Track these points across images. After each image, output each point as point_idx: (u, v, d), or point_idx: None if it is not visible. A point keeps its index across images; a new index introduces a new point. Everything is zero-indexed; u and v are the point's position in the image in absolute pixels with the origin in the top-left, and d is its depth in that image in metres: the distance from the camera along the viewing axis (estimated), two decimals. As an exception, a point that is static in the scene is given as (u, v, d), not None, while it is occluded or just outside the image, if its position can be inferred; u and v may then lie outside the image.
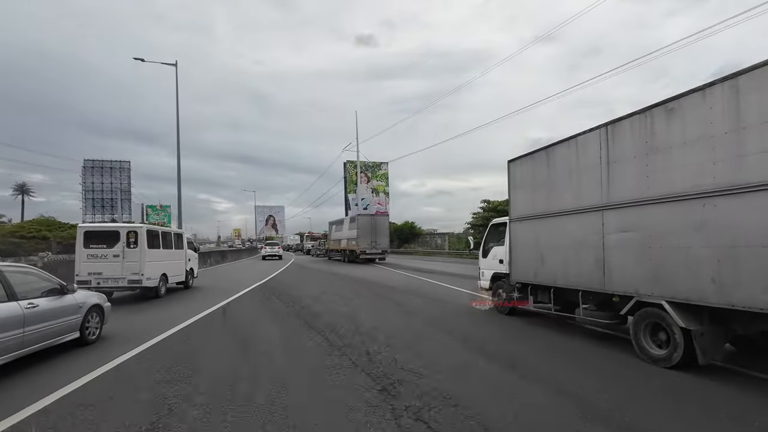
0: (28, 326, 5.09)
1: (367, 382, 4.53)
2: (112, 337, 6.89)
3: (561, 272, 6.87)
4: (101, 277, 10.73)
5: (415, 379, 4.60)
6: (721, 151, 4.38)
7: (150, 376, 4.80)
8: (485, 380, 4.64)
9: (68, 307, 5.95)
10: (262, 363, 5.36)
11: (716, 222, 4.44)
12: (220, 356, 5.70)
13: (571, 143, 6.60)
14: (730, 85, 4.31)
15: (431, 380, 4.54)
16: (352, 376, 4.77)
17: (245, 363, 5.38)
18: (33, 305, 5.26)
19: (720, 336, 4.79)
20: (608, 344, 6.16)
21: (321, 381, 4.63)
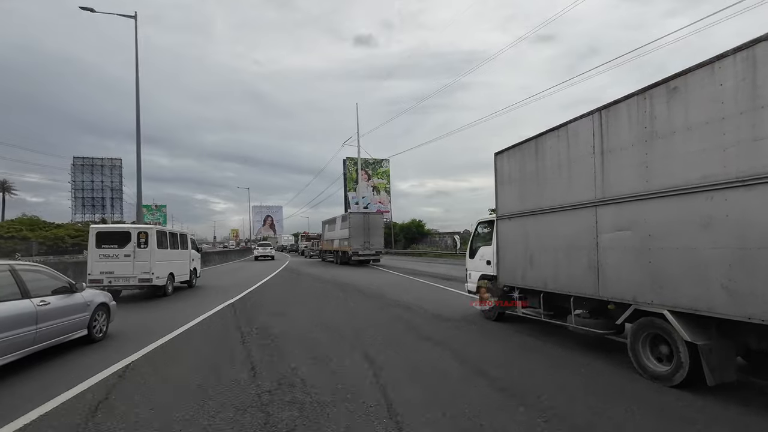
0: (41, 323, 5.27)
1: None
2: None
3: (551, 275, 6.19)
4: (113, 276, 11.20)
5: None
6: (733, 135, 3.71)
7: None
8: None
9: (77, 305, 6.12)
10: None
11: (727, 218, 3.77)
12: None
13: (561, 132, 5.92)
14: (745, 57, 3.63)
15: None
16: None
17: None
18: (45, 303, 5.44)
19: (732, 351, 4.13)
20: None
21: None
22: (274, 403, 3.96)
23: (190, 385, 4.50)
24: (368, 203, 68.12)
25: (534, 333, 6.92)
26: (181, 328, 7.52)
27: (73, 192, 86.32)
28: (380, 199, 73.01)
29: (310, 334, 6.86)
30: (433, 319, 8.20)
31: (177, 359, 5.60)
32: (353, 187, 68.96)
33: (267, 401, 4.00)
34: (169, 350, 6.08)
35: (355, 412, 3.74)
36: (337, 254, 28.89)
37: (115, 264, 11.24)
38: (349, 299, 11.32)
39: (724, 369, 4.04)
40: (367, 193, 69.45)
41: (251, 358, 5.54)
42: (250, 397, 4.11)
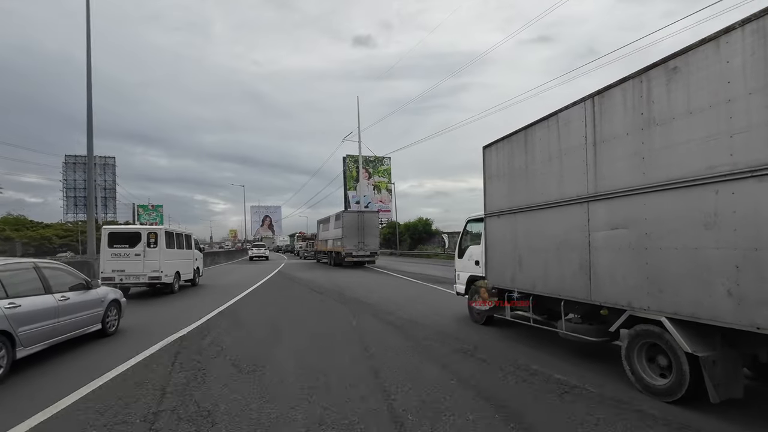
0: (61, 317, 5.67)
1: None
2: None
3: (540, 277, 5.73)
4: (124, 274, 11.75)
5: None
6: (742, 119, 3.24)
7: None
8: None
9: (93, 301, 6.55)
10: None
11: (734, 215, 3.31)
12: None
13: (551, 121, 5.46)
14: (755, 29, 3.16)
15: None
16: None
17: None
18: (65, 298, 5.87)
19: (739, 364, 3.67)
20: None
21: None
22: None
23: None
24: (369, 202, 64.97)
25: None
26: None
27: (64, 191, 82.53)
28: (381, 198, 69.91)
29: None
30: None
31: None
32: (353, 186, 66.21)
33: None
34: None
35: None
36: (331, 255, 27.25)
37: (126, 263, 11.83)
38: (362, 327, 7.41)
39: (730, 384, 3.58)
40: (368, 192, 66.59)
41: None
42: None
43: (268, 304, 10.47)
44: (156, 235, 12.16)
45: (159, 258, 12.04)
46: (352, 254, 24.06)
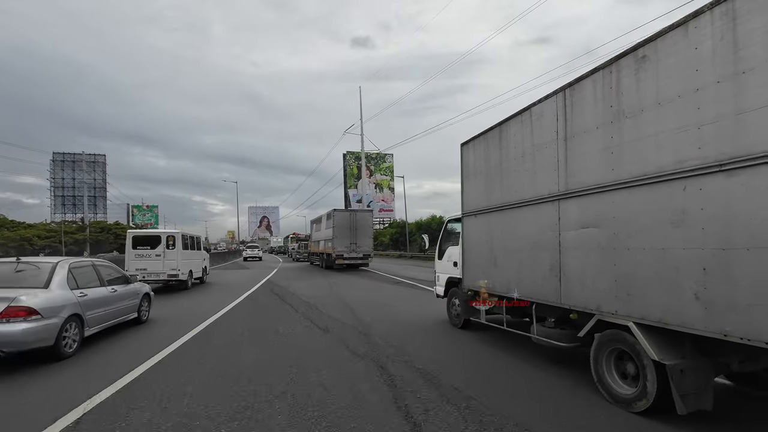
0: (112, 305, 6.89)
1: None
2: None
3: (514, 279, 5.48)
4: (146, 272, 13.24)
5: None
6: (711, 109, 3.01)
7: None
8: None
9: (132, 293, 7.73)
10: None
11: (702, 212, 3.07)
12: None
13: (525, 116, 5.22)
14: (724, 12, 2.93)
15: None
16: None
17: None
18: (114, 290, 7.04)
19: (710, 374, 3.41)
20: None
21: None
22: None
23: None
24: (370, 201, 60.86)
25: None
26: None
27: (52, 190, 78.55)
28: (383, 197, 65.48)
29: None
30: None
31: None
32: (354, 184, 63.24)
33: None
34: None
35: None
36: (322, 257, 25.53)
37: (148, 262, 13.49)
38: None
39: (699, 395, 3.33)
40: (369, 190, 62.66)
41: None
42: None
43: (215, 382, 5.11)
44: (174, 238, 13.93)
45: (177, 258, 13.76)
46: (343, 256, 22.42)
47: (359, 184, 57.51)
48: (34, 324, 5.09)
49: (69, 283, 5.99)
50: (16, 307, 5.04)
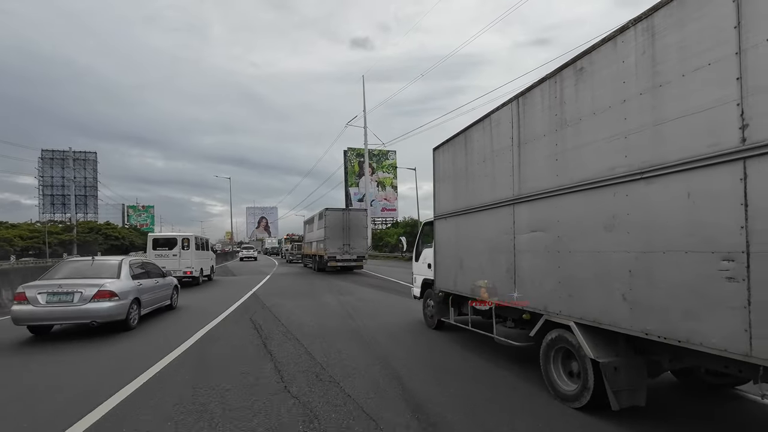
0: (156, 293, 8.96)
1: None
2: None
3: (477, 280, 5.64)
4: (164, 270, 15.53)
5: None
6: (635, 119, 3.17)
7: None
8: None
9: (167, 284, 9.89)
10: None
11: (628, 217, 3.24)
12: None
13: (486, 123, 5.39)
14: (645, 28, 3.10)
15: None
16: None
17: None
18: (157, 281, 9.15)
19: (642, 371, 3.57)
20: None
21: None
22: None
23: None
24: (372, 200, 56.94)
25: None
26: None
27: (41, 189, 74.42)
28: (386, 195, 62.41)
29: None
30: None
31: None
32: (355, 182, 60.42)
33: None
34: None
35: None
36: (314, 259, 24.46)
37: (166, 261, 14.86)
38: None
39: (633, 391, 3.49)
40: (371, 188, 58.34)
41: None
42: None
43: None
44: (188, 240, 16.17)
45: (191, 258, 15.99)
46: (335, 258, 21.12)
47: (361, 181, 54.62)
48: (114, 303, 7.15)
49: (131, 274, 8.06)
50: (104, 291, 7.08)
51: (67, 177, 69.63)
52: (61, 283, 7.03)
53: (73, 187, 65.24)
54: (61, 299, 6.86)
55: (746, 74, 2.43)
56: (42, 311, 6.75)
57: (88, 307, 6.88)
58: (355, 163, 60.88)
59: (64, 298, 6.87)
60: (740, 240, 2.45)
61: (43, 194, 75.41)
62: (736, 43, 2.48)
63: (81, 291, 6.94)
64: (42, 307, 6.76)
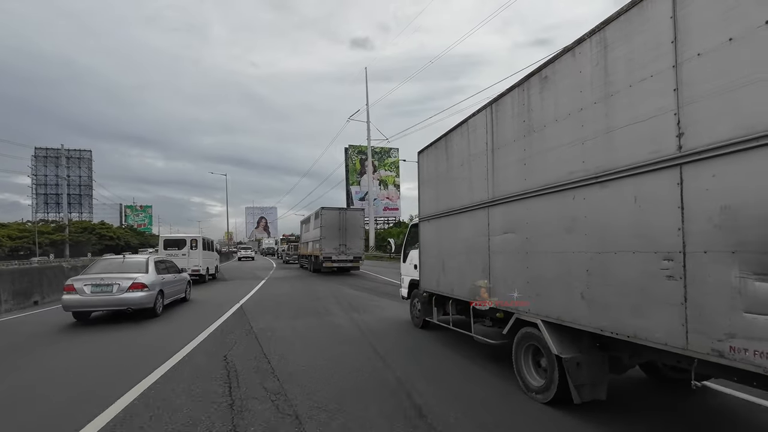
0: (175, 286, 10.55)
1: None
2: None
3: (456, 281, 5.82)
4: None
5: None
6: (590, 127, 3.35)
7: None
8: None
9: (182, 279, 11.50)
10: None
11: (586, 220, 3.41)
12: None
13: (464, 128, 5.57)
14: (599, 40, 3.28)
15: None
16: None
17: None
18: (175, 276, 10.67)
19: (604, 366, 3.73)
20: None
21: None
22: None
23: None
24: (374, 199, 53.78)
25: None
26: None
27: (34, 188, 71.74)
28: (388, 194, 59.96)
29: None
30: None
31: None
32: (356, 180, 58.27)
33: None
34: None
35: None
36: (310, 259, 24.05)
37: (176, 260, 15.41)
38: None
39: (594, 386, 3.66)
40: (373, 187, 54.73)
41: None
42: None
43: None
44: (196, 241, 17.85)
45: (199, 257, 17.58)
46: (331, 258, 20.63)
47: (363, 179, 52.36)
48: (145, 293, 8.60)
49: (155, 270, 9.36)
50: (137, 283, 8.56)
51: (61, 176, 67.23)
52: (102, 277, 8.51)
53: (65, 185, 62.18)
54: (103, 290, 8.34)
55: (681, 86, 2.60)
56: (88, 299, 8.21)
57: (124, 296, 8.34)
58: (356, 161, 58.82)
59: (105, 289, 8.35)
60: (678, 241, 2.62)
61: (36, 193, 72.89)
62: (673, 57, 2.66)
63: (118, 283, 8.40)
64: (87, 296, 8.21)
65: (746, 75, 2.23)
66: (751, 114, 2.21)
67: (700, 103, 2.50)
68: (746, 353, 2.26)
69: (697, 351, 2.52)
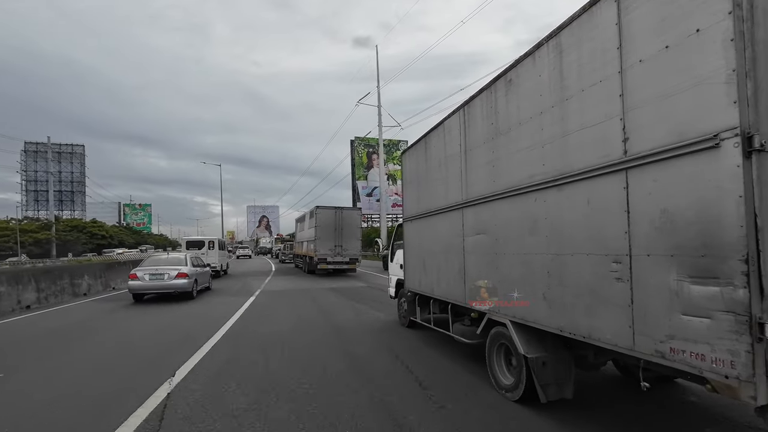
0: (203, 276, 13.77)
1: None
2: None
3: (436, 280, 5.89)
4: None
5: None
6: (549, 130, 3.40)
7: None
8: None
9: (207, 272, 14.70)
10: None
11: (546, 222, 3.46)
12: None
13: (440, 129, 5.61)
14: (555, 45, 3.32)
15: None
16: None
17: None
18: (203, 269, 13.99)
19: (570, 365, 3.79)
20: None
21: None
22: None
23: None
24: (382, 194, 52.29)
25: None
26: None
27: (23, 184, 67.01)
28: (397, 189, 54.76)
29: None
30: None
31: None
32: (363, 175, 53.98)
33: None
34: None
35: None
36: (305, 260, 23.21)
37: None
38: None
39: (561, 385, 3.72)
40: (381, 182, 49.57)
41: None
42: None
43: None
44: (213, 242, 21.38)
45: (215, 255, 20.59)
46: (326, 260, 19.70)
47: (370, 173, 48.36)
48: (187, 280, 11.87)
49: (191, 264, 12.70)
50: (181, 272, 11.91)
51: (48, 170, 61.78)
52: (157, 268, 11.90)
53: (51, 181, 55.84)
54: (157, 278, 11.68)
55: (626, 91, 2.65)
56: (147, 284, 11.61)
57: (172, 282, 11.68)
58: (363, 154, 54.09)
59: (159, 277, 11.69)
60: (625, 243, 2.67)
61: (26, 190, 68.58)
62: (619, 63, 2.70)
63: (168, 273, 11.75)
64: (147, 282, 11.60)
65: (679, 82, 2.28)
66: (683, 121, 2.26)
67: (642, 109, 2.55)
68: (683, 354, 2.32)
69: (642, 352, 2.58)
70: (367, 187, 52.92)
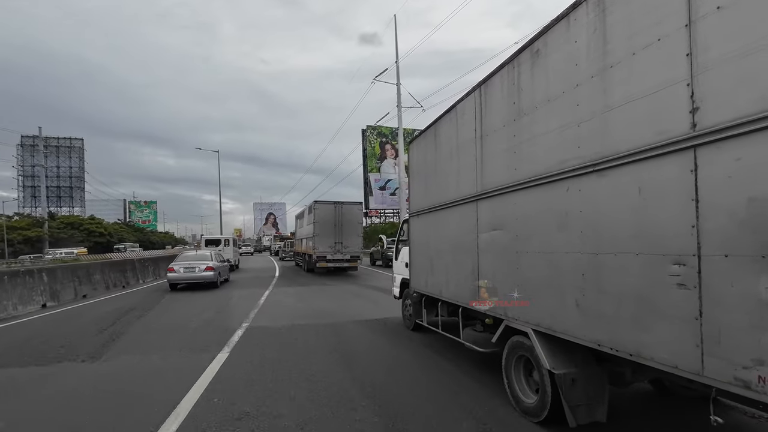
0: (224, 269, 16.03)
1: None
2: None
3: (444, 281, 5.35)
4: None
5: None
6: (587, 105, 2.84)
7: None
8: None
9: (227, 266, 17.15)
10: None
11: (581, 215, 2.91)
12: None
13: (452, 114, 5.07)
14: (597, 2, 2.76)
15: None
16: None
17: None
18: (224, 264, 16.42)
19: (603, 384, 3.25)
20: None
21: None
22: None
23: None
24: (396, 188, 45.84)
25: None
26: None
27: (20, 179, 63.48)
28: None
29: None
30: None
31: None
32: (376, 167, 50.27)
33: None
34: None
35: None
36: (304, 258, 22.12)
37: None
38: None
39: (592, 406, 3.17)
40: (394, 174, 47.14)
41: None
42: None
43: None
44: (229, 240, 24.24)
45: (230, 252, 22.92)
46: (326, 258, 18.44)
47: (383, 165, 45.03)
48: (213, 273, 13.88)
49: (215, 259, 14.82)
50: (209, 266, 13.92)
51: (51, 166, 60.46)
52: (189, 263, 14.01)
53: (44, 175, 52.90)
54: (190, 270, 13.77)
55: (696, 49, 2.09)
56: (182, 276, 13.69)
57: (202, 274, 13.74)
58: (375, 144, 50.42)
59: (191, 270, 13.78)
60: (691, 241, 2.13)
61: (23, 186, 65.07)
62: (686, 14, 2.14)
63: (198, 266, 13.83)
64: (181, 274, 13.68)
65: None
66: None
67: (719, 70, 1.99)
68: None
69: (715, 378, 2.04)
70: (380, 180, 49.52)
